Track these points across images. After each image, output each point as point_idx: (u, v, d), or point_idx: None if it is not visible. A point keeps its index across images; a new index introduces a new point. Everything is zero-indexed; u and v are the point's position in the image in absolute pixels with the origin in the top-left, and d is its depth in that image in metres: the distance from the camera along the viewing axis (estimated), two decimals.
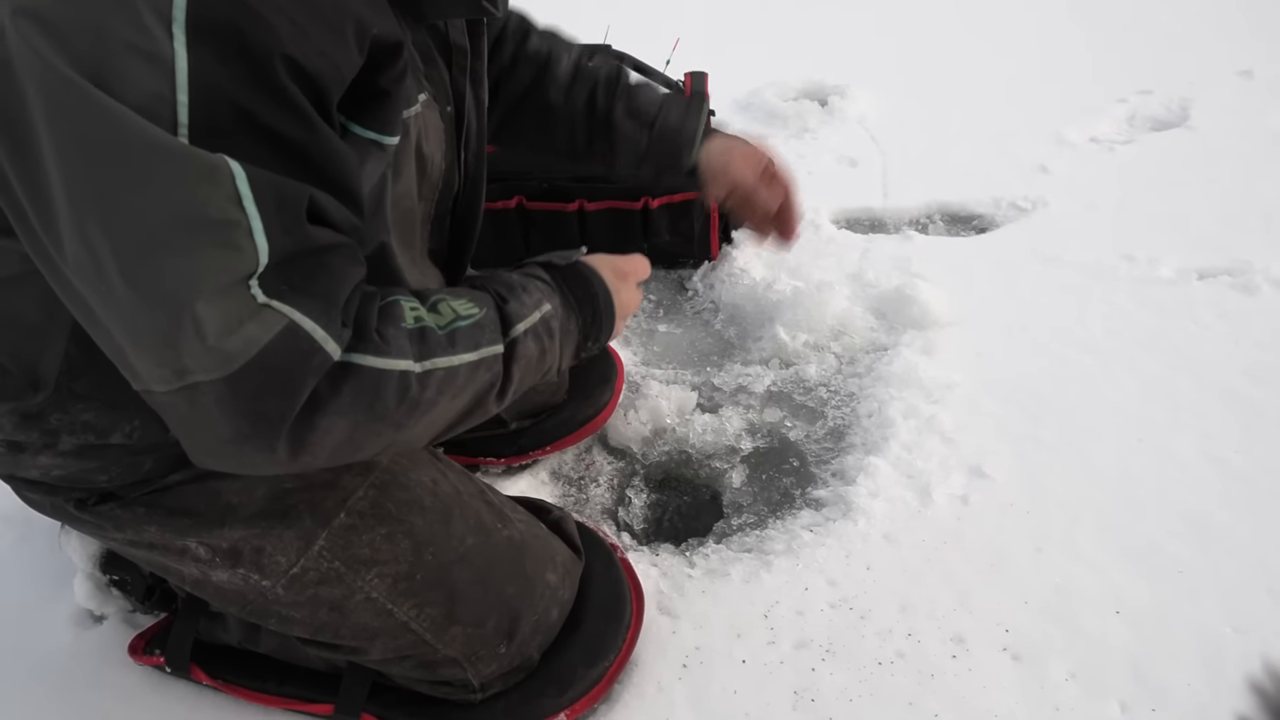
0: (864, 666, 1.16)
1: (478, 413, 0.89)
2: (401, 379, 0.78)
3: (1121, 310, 1.76)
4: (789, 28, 3.18)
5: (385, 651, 1.04)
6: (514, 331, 0.90)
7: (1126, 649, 1.16)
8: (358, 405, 0.75)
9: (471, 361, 0.85)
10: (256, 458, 0.74)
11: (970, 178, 2.27)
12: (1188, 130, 2.45)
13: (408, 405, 0.79)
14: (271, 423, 0.71)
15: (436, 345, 0.82)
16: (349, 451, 0.79)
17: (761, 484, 1.49)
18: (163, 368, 0.69)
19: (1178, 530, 1.30)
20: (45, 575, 1.32)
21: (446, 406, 0.83)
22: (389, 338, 0.79)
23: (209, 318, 0.67)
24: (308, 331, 0.71)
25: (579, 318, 0.98)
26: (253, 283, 0.69)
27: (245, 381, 0.69)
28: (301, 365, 0.71)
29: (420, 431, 0.83)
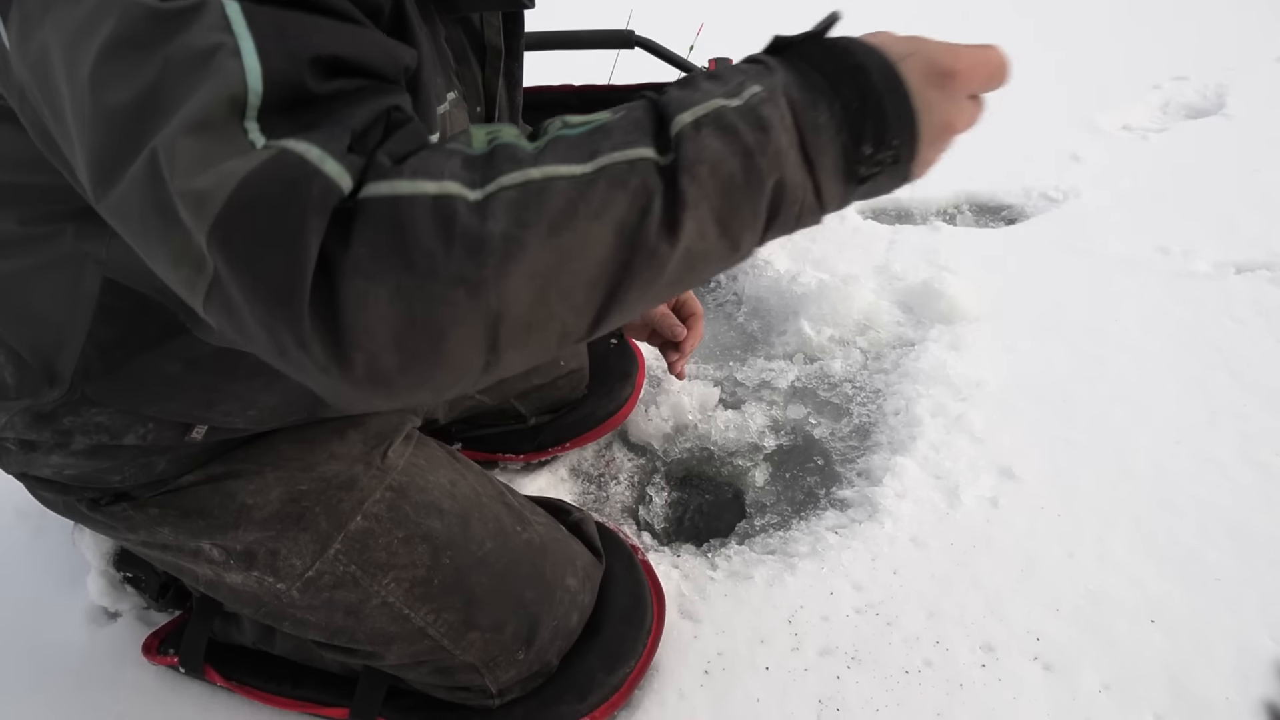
0: (890, 675, 1.13)
1: (640, 263, 0.57)
2: (439, 206, 0.53)
3: (1157, 305, 1.71)
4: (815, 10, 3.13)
5: (402, 656, 1.02)
6: (677, 123, 0.58)
7: (1162, 659, 1.13)
8: (381, 256, 0.52)
9: (576, 175, 0.55)
10: (307, 370, 0.54)
11: (1000, 167, 2.23)
12: (1224, 118, 2.40)
13: (463, 245, 0.52)
14: (282, 295, 0.51)
15: (509, 161, 0.56)
16: (429, 339, 0.53)
17: (785, 483, 1.46)
18: (181, 266, 0.54)
19: (1216, 537, 1.26)
20: (60, 572, 1.32)
21: (551, 248, 0.54)
22: (411, 161, 0.55)
23: (182, 157, 0.51)
24: (299, 154, 0.52)
25: (832, 102, 0.60)
26: (248, 124, 0.52)
27: (232, 233, 0.51)
28: (292, 194, 0.51)
29: (529, 292, 0.54)
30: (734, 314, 1.84)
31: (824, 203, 0.62)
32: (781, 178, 0.59)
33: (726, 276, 1.91)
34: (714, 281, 1.91)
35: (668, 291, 0.60)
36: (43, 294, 0.79)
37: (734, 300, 1.87)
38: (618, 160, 0.56)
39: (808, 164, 0.60)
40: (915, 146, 0.63)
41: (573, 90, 1.97)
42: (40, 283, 0.78)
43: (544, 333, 0.56)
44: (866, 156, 0.61)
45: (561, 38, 1.76)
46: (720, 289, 1.90)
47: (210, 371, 0.85)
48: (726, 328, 1.82)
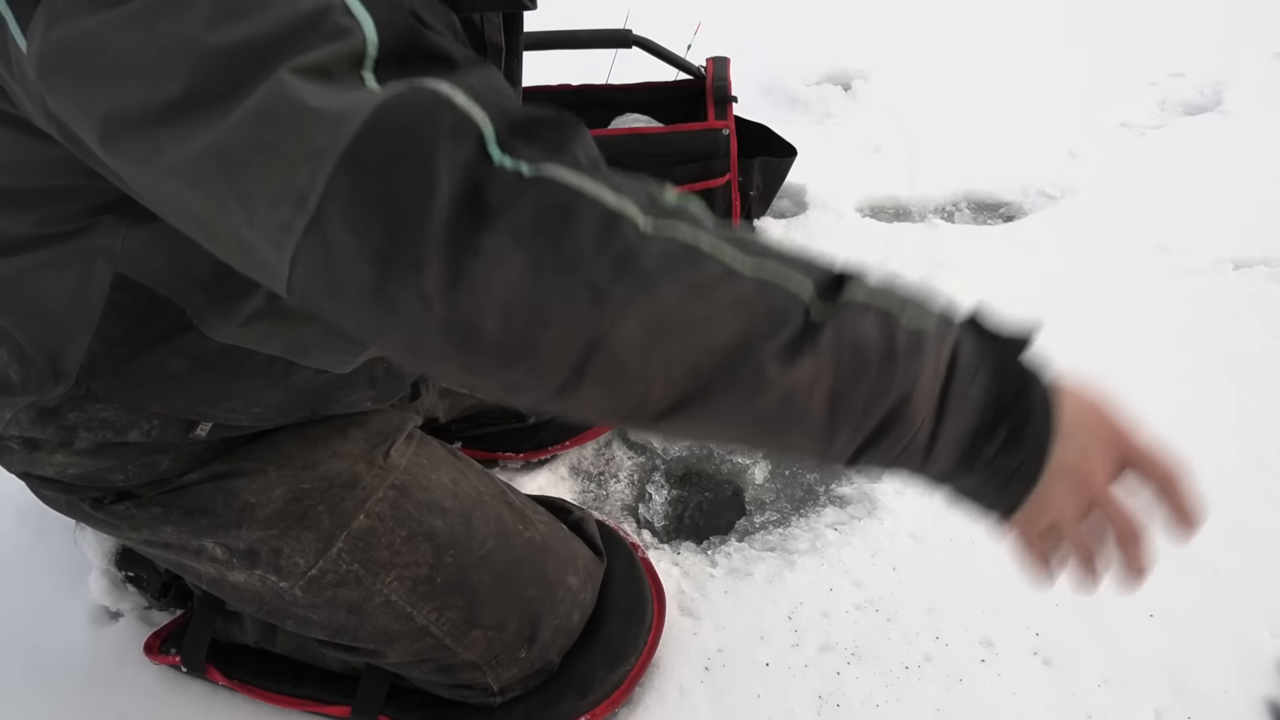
0: (890, 670, 1.14)
1: (742, 368, 0.56)
2: (609, 218, 0.54)
3: (1155, 302, 1.72)
4: (812, 11, 3.13)
5: (404, 654, 1.03)
6: (850, 290, 0.59)
7: (1161, 654, 1.13)
8: (540, 232, 0.53)
9: (738, 268, 0.56)
10: (410, 302, 0.53)
11: (997, 164, 2.22)
12: (1221, 115, 2.39)
13: (614, 258, 0.53)
14: (412, 217, 0.51)
15: (690, 221, 0.57)
16: (531, 324, 0.54)
17: (784, 480, 1.46)
18: (280, 205, 0.52)
19: (1214, 532, 1.24)
20: (61, 571, 1.32)
21: (679, 310, 0.55)
22: (608, 176, 0.57)
23: (308, 86, 0.52)
24: (430, 89, 0.54)
25: (993, 380, 0.62)
26: (366, 73, 0.54)
27: (365, 157, 0.51)
28: (429, 121, 0.53)
29: (636, 338, 0.55)
30: None
31: (933, 454, 0.62)
32: (909, 398, 0.59)
33: None
34: None
35: (747, 428, 0.59)
36: (52, 290, 0.79)
37: None
38: (778, 281, 0.57)
39: (940, 408, 0.61)
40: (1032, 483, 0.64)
41: (571, 89, 1.98)
42: (50, 279, 0.78)
43: (627, 385, 0.56)
44: (991, 450, 0.62)
45: (559, 37, 1.76)
46: None
47: (215, 368, 0.85)
48: None
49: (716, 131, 1.77)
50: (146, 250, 0.74)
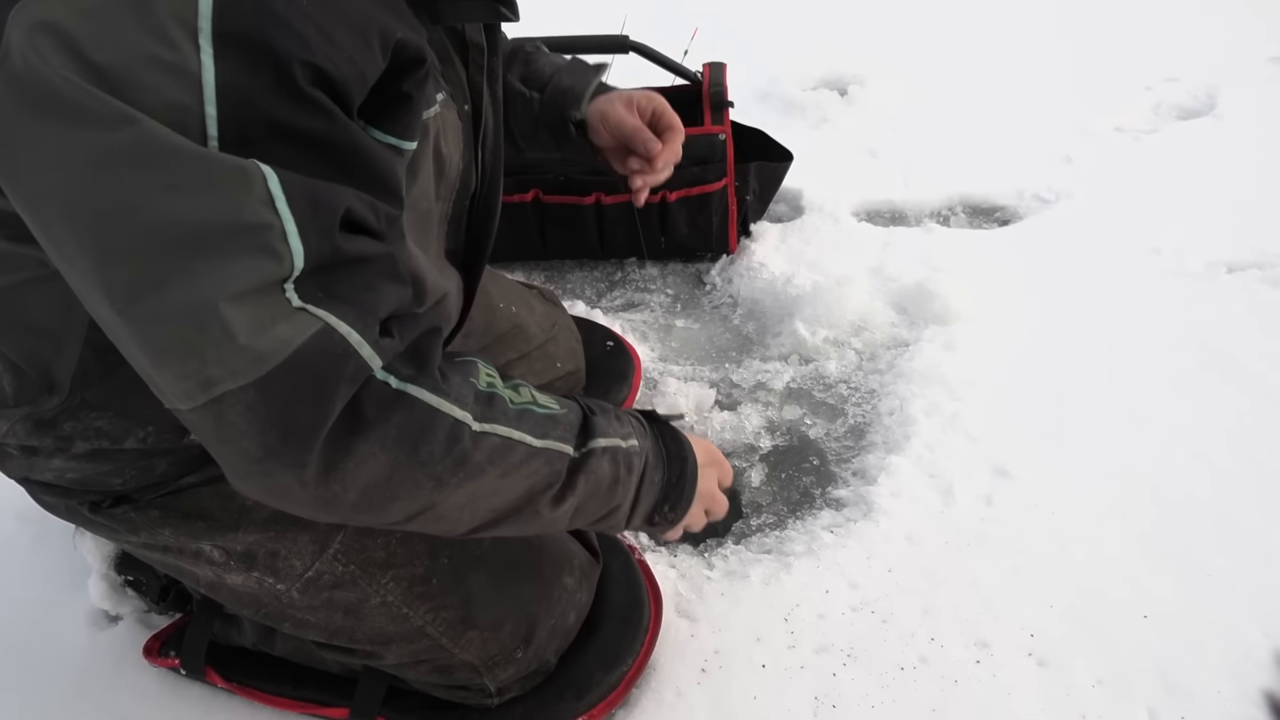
0: (886, 672, 1.14)
1: (525, 513, 0.82)
2: (455, 428, 0.74)
3: (1149, 305, 1.72)
4: (808, 16, 3.14)
5: (401, 656, 1.03)
6: (593, 443, 0.85)
7: (1154, 654, 1.14)
8: (403, 440, 0.70)
9: (534, 447, 0.80)
10: (284, 477, 0.68)
11: (992, 168, 2.23)
12: (1215, 119, 2.40)
13: (454, 460, 0.74)
14: (303, 434, 0.66)
15: (501, 413, 0.79)
16: (381, 497, 0.72)
17: (781, 483, 1.47)
18: (186, 381, 0.64)
19: (1208, 533, 1.27)
20: (61, 575, 1.32)
21: (493, 485, 0.78)
22: (452, 383, 0.76)
23: (238, 318, 0.62)
24: (342, 335, 0.67)
25: (666, 473, 0.93)
26: (288, 287, 0.65)
27: (276, 385, 0.64)
28: (335, 370, 0.67)
29: (459, 502, 0.77)
30: (729, 316, 1.85)
31: (630, 524, 0.93)
32: (621, 504, 0.89)
33: (722, 279, 1.91)
34: (709, 284, 1.92)
35: (522, 533, 0.89)
36: (37, 304, 0.79)
37: (729, 302, 1.88)
38: (555, 448, 0.82)
39: (634, 502, 0.90)
40: (688, 512, 0.96)
41: None
42: (34, 293, 0.79)
43: (442, 527, 0.80)
44: (663, 513, 0.94)
45: (556, 42, 1.76)
46: (716, 291, 1.91)
47: None
48: (722, 329, 1.82)
49: (713, 136, 1.78)
50: None
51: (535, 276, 1.98)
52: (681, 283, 1.95)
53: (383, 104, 0.75)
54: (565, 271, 1.99)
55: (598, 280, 1.97)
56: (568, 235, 1.92)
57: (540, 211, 1.87)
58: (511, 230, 1.89)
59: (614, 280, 1.96)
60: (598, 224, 1.88)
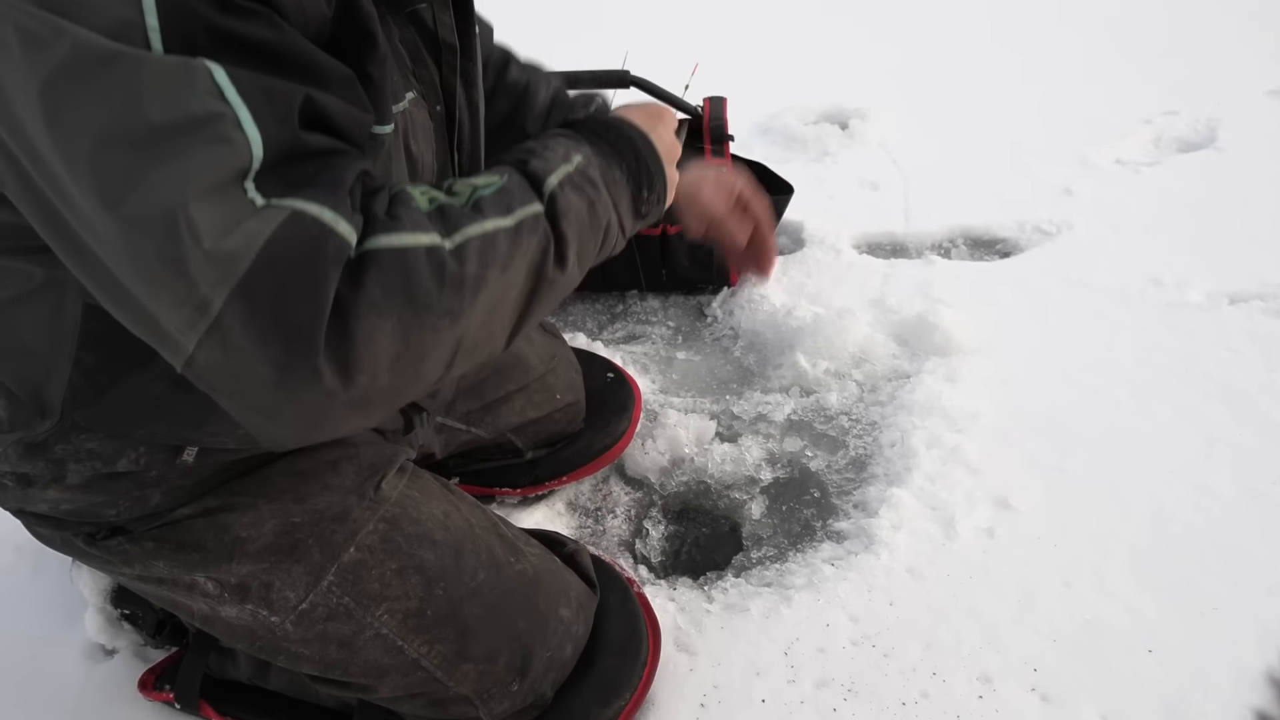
0: (887, 707, 1.13)
1: (542, 289, 0.77)
2: (431, 254, 0.67)
3: (1151, 336, 1.72)
4: (809, 51, 3.17)
5: (395, 689, 1.02)
6: (547, 185, 0.79)
7: (1159, 690, 1.12)
8: (392, 295, 0.64)
9: (508, 226, 0.73)
10: (311, 394, 0.62)
11: (993, 201, 2.25)
12: (1215, 151, 2.42)
13: (452, 285, 0.67)
14: (304, 335, 0.61)
15: (462, 217, 0.72)
16: (411, 364, 0.67)
17: (781, 515, 1.46)
18: (183, 307, 0.60)
19: (1214, 566, 1.26)
20: (58, 608, 1.32)
21: (500, 283, 0.72)
22: (401, 216, 0.68)
23: (202, 218, 0.58)
24: (314, 215, 0.62)
25: (621, 164, 0.87)
26: (248, 184, 0.60)
27: (258, 287, 0.59)
28: (317, 253, 0.61)
29: (482, 318, 0.71)
30: (730, 348, 1.85)
31: (625, 232, 0.88)
32: (608, 220, 0.84)
33: (723, 311, 1.92)
34: (710, 316, 1.92)
35: (554, 304, 0.82)
36: (25, 325, 0.80)
37: (730, 334, 1.88)
38: (526, 214, 0.75)
39: (615, 206, 0.85)
40: (666, 181, 0.91)
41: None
42: (22, 314, 0.79)
43: (482, 349, 0.74)
44: (645, 197, 0.89)
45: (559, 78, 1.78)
46: (717, 324, 1.91)
47: (195, 389, 0.85)
48: (723, 361, 1.82)
49: None
50: None
51: None
52: (683, 315, 1.95)
53: None
54: (566, 303, 2.00)
55: (599, 312, 1.98)
56: None
57: None
58: None
59: (615, 312, 1.97)
60: None
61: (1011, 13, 3.45)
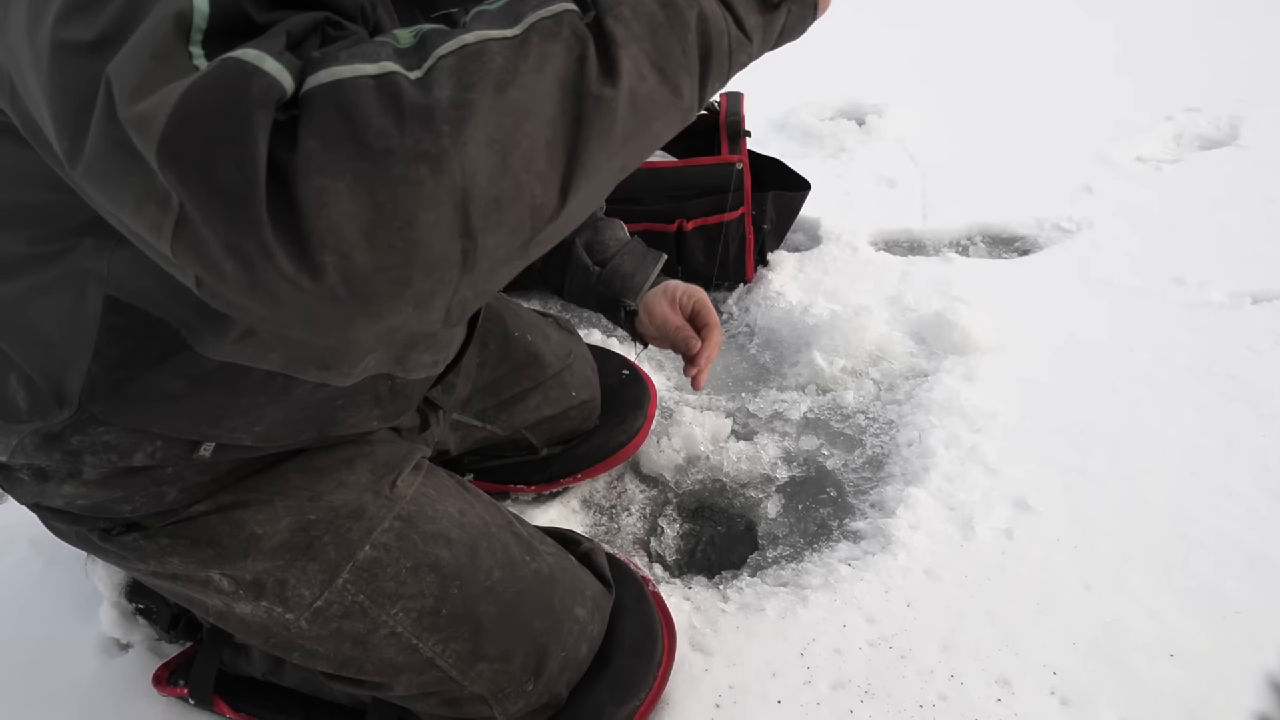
0: (904, 709, 1.12)
1: (591, 113, 0.56)
2: (382, 84, 0.52)
3: (1172, 336, 1.70)
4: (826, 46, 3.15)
5: (410, 688, 1.02)
6: None
7: (1181, 694, 1.11)
8: (333, 145, 0.50)
9: (507, 36, 0.55)
10: (279, 286, 0.51)
11: (1012, 198, 2.22)
12: (1238, 149, 2.39)
13: (415, 117, 0.51)
14: (238, 200, 0.49)
15: (439, 36, 0.56)
16: (397, 227, 0.51)
17: (798, 514, 1.45)
18: (147, 205, 0.52)
19: (1236, 569, 1.24)
20: (73, 602, 1.32)
21: (501, 108, 0.53)
22: (356, 48, 0.54)
23: (128, 80, 0.50)
24: (236, 58, 0.51)
25: None
26: (193, 48, 0.52)
27: (179, 147, 0.49)
28: (234, 95, 0.49)
29: (490, 159, 0.53)
30: (746, 345, 1.84)
31: (748, 32, 0.65)
32: (701, 10, 0.61)
33: (739, 308, 1.91)
34: (725, 313, 1.91)
35: (627, 150, 0.60)
36: (47, 315, 0.79)
37: (746, 332, 1.87)
38: (544, 16, 0.57)
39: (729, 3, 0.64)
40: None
41: None
42: (44, 304, 0.79)
43: (516, 206, 0.55)
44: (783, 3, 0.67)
45: None
46: (732, 321, 1.90)
47: (214, 387, 0.85)
48: (739, 359, 1.81)
49: (730, 165, 1.78)
50: (132, 271, 0.75)
51: (552, 305, 1.98)
52: None
53: None
54: None
55: None
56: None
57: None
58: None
59: None
60: None
61: (1030, 8, 3.42)
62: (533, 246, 0.59)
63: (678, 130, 0.65)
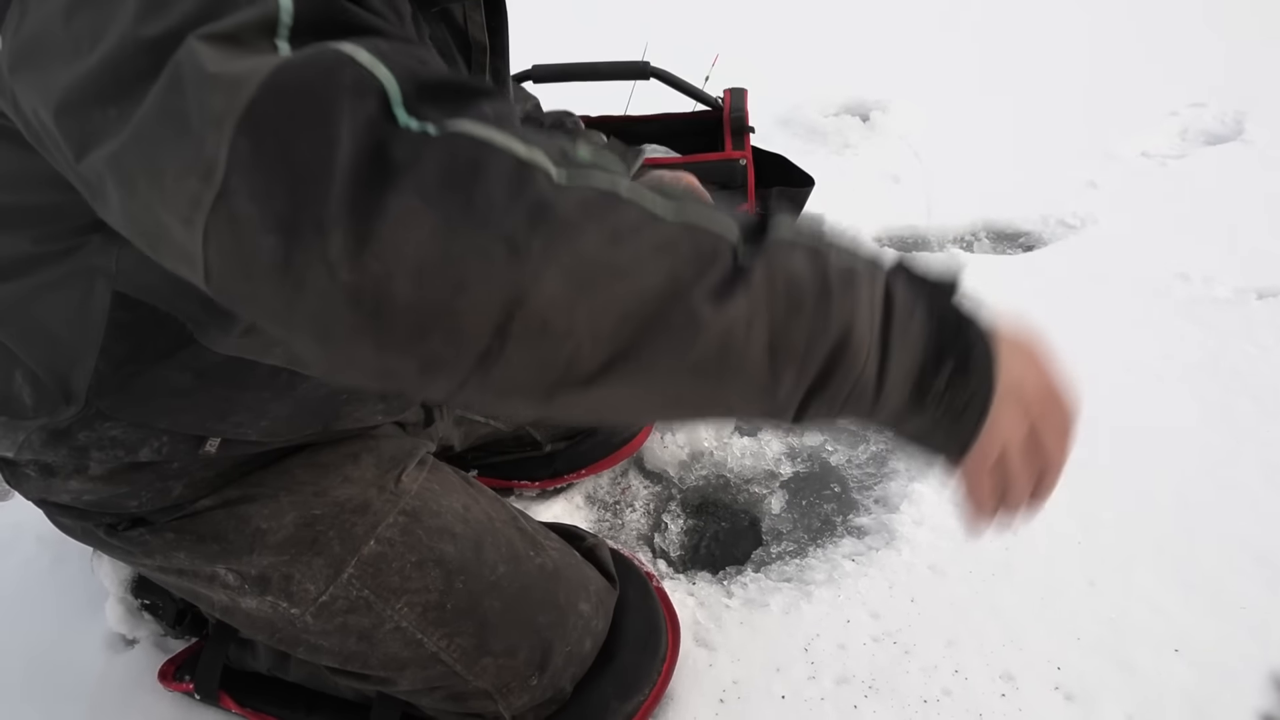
0: (909, 705, 1.12)
1: (675, 314, 0.52)
2: (521, 169, 0.51)
3: (1177, 332, 1.70)
4: (830, 42, 3.15)
5: (415, 682, 1.02)
6: (771, 235, 0.56)
7: (1187, 690, 1.11)
8: (448, 187, 0.50)
9: (660, 214, 0.53)
10: (313, 271, 0.49)
11: (1016, 194, 2.22)
12: (1243, 144, 2.38)
13: (528, 209, 0.50)
14: (312, 177, 0.49)
15: (603, 171, 0.54)
16: (442, 280, 0.50)
17: (801, 510, 1.45)
18: (189, 176, 0.50)
19: (1242, 565, 1.24)
20: (79, 598, 1.32)
21: (601, 258, 0.51)
22: (524, 130, 0.53)
23: (211, 52, 0.51)
24: (334, 47, 0.51)
25: (930, 314, 0.60)
26: (279, 40, 0.52)
27: (261, 116, 0.49)
28: (328, 79, 0.50)
29: (562, 285, 0.51)
30: None
31: (883, 393, 0.59)
32: (850, 331, 0.56)
33: None
34: None
35: (687, 382, 0.55)
36: (54, 312, 0.79)
37: None
38: (703, 224, 0.54)
39: (884, 342, 0.58)
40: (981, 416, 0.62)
41: (589, 121, 1.99)
42: (51, 301, 0.79)
43: (554, 344, 0.52)
44: (941, 382, 0.60)
45: (578, 69, 1.78)
46: None
47: (220, 382, 0.86)
48: None
49: (734, 162, 1.78)
50: (140, 267, 0.75)
51: None
52: None
53: None
54: None
55: None
56: None
57: None
58: None
59: None
60: None
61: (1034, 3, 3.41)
62: (549, 399, 0.55)
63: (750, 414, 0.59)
